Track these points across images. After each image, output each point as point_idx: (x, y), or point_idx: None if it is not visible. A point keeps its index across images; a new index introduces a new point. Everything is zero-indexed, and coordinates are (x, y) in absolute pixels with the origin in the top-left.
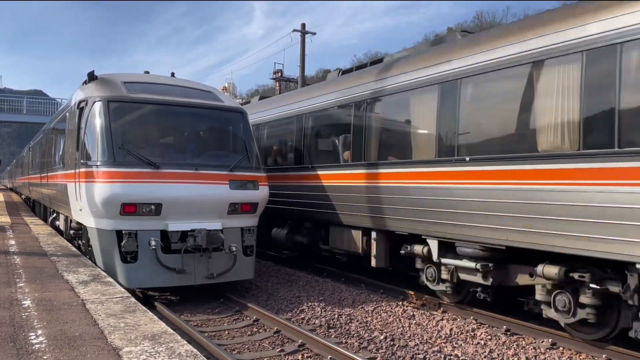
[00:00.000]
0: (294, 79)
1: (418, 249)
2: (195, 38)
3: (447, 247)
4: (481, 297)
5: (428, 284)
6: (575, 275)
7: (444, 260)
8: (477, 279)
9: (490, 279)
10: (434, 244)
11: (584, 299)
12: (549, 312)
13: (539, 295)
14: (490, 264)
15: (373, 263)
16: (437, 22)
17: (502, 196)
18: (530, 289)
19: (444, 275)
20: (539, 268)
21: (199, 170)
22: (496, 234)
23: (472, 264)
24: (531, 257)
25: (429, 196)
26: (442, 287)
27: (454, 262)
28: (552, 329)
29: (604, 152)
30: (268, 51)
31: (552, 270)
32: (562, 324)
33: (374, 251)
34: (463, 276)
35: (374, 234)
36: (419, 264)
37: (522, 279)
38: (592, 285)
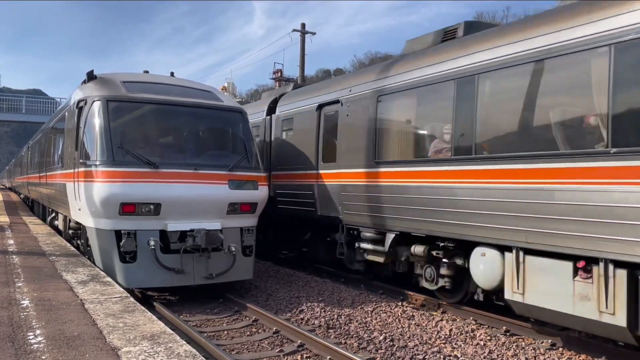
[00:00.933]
0: (293, 79)
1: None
2: (195, 38)
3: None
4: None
5: None
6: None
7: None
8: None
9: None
10: None
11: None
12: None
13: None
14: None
15: None
16: (438, 22)
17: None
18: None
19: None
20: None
21: (198, 170)
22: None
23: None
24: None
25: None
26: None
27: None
28: (551, 329)
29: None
30: (268, 51)
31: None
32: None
33: None
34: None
35: None
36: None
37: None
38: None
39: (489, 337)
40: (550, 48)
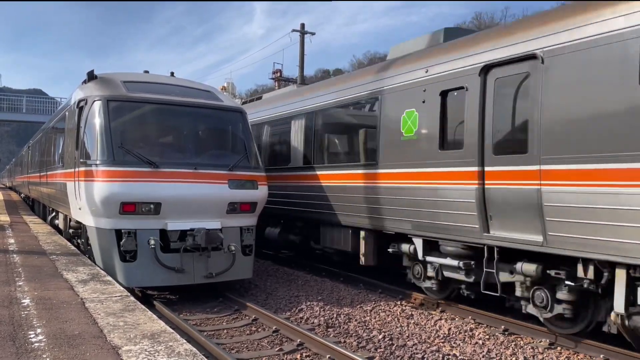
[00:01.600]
0: (293, 79)
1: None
2: (195, 37)
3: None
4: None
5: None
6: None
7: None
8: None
9: (473, 277)
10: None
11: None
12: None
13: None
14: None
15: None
16: (438, 21)
17: None
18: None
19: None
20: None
21: (198, 170)
22: None
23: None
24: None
25: None
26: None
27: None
28: (552, 329)
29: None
30: (268, 51)
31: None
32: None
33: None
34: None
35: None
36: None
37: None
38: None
39: (487, 336)
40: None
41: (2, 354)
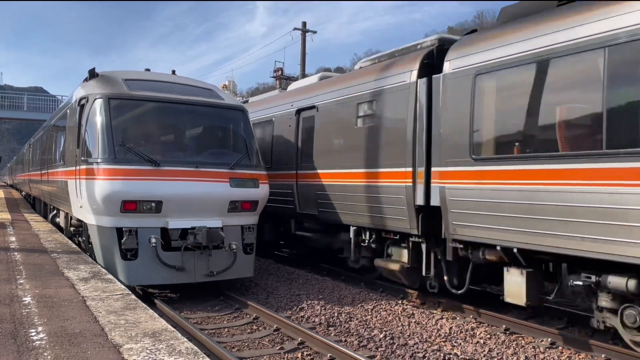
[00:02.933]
0: (294, 78)
1: None
2: (197, 35)
3: None
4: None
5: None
6: None
7: None
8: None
9: None
10: None
11: None
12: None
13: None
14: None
15: None
16: (440, 19)
17: None
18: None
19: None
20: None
21: (199, 168)
22: None
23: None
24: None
25: None
26: None
27: None
28: (551, 328)
29: None
30: (269, 49)
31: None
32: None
33: None
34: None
35: None
36: None
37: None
38: None
39: (488, 336)
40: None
41: (4, 351)
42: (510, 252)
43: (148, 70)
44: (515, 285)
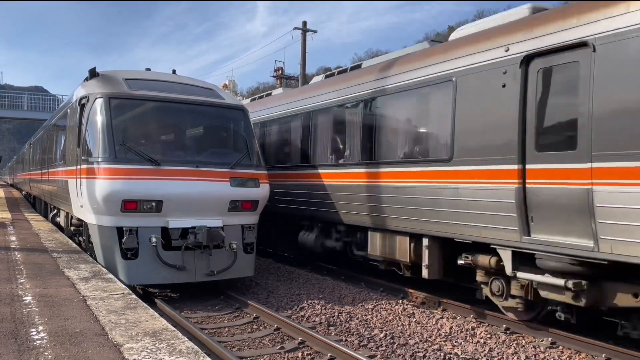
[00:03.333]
0: (294, 77)
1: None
2: (197, 35)
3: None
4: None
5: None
6: None
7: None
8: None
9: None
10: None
11: None
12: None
13: None
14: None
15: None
16: (441, 19)
17: None
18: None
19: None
20: None
21: (199, 168)
22: None
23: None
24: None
25: None
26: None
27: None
28: (552, 327)
29: None
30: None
31: None
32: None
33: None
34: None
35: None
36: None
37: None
38: None
39: (489, 335)
40: None
41: (4, 351)
42: None
43: (148, 69)
44: None
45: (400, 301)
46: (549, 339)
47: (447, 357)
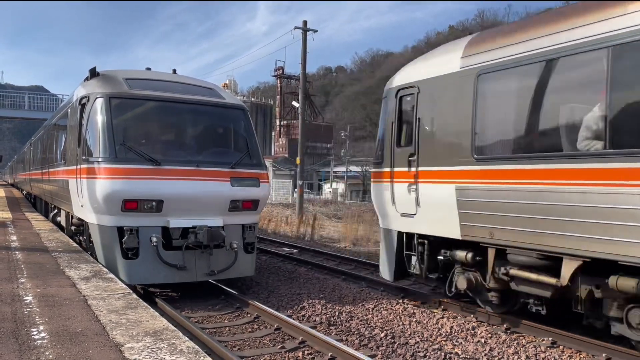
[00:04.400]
0: (295, 76)
1: None
2: (198, 34)
3: None
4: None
5: None
6: None
7: None
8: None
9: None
10: None
11: None
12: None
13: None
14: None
15: None
16: (442, 18)
17: None
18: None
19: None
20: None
21: (200, 167)
22: None
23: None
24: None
25: None
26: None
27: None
28: (552, 327)
29: None
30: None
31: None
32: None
33: None
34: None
35: None
36: None
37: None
38: None
39: (489, 335)
40: None
41: (5, 350)
42: None
43: (149, 69)
44: None
45: (400, 301)
46: (550, 339)
47: (447, 357)
